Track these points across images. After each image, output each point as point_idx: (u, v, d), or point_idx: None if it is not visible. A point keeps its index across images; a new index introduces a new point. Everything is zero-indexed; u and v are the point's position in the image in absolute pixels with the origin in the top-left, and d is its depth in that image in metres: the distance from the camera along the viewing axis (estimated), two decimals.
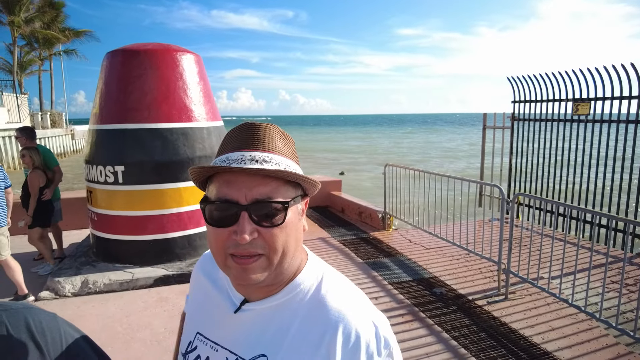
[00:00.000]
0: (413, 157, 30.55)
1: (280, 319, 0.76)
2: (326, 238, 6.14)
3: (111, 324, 3.70)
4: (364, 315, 0.75)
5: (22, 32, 29.15)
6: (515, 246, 4.53)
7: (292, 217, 0.72)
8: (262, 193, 0.69)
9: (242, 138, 0.74)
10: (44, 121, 26.19)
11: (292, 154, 0.78)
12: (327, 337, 0.71)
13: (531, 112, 6.53)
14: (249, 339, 0.77)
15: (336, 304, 0.75)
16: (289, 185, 0.73)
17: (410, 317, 3.69)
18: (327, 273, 0.81)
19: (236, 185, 0.69)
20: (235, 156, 0.71)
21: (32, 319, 0.75)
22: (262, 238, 0.69)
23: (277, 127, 0.78)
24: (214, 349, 0.81)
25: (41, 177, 4.72)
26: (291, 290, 0.77)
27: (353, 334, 0.71)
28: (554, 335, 3.35)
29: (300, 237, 0.77)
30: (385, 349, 0.73)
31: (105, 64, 4.86)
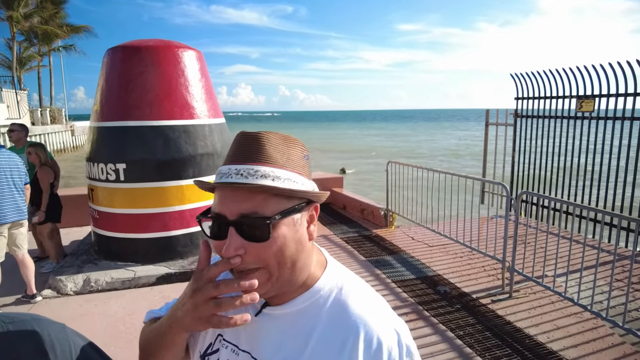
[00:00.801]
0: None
1: (301, 325, 0.75)
2: (328, 235, 6.12)
3: (114, 323, 3.69)
4: (386, 321, 0.74)
5: (21, 28, 29.02)
6: (520, 244, 4.51)
7: (284, 231, 0.69)
8: (247, 208, 0.68)
9: (233, 150, 0.74)
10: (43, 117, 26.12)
11: (289, 160, 0.72)
12: (349, 343, 0.71)
13: (534, 109, 6.50)
14: (271, 344, 0.76)
15: (358, 310, 0.74)
16: (279, 197, 0.70)
17: (415, 315, 3.68)
18: (348, 279, 0.81)
19: (225, 200, 0.70)
20: (225, 170, 0.71)
21: (41, 331, 0.73)
22: (252, 253, 0.68)
23: (274, 133, 0.74)
24: (235, 352, 0.79)
25: (50, 173, 4.78)
26: (312, 296, 0.76)
27: (375, 341, 0.71)
28: (559, 334, 3.34)
29: (302, 247, 0.73)
30: (408, 357, 0.73)
31: (106, 61, 4.81)
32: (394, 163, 6.51)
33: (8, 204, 3.92)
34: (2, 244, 3.94)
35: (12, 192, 3.96)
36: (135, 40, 4.89)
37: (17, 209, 4.01)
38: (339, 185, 8.59)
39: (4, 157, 3.97)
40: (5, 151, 4.05)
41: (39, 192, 4.68)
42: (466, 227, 5.05)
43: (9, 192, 3.94)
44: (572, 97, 5.89)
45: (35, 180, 4.70)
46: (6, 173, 3.93)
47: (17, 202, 4.01)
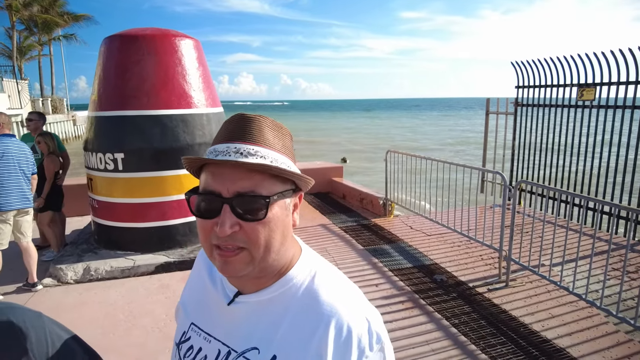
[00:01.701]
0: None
1: (272, 313, 0.76)
2: (327, 224, 6.14)
3: (113, 311, 3.73)
4: (357, 310, 0.75)
5: (21, 17, 28.84)
6: (517, 233, 4.51)
7: (277, 212, 0.72)
8: (245, 186, 0.69)
9: (230, 130, 0.74)
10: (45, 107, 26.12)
11: (284, 146, 0.76)
12: (319, 331, 0.71)
13: (535, 98, 6.45)
14: (242, 331, 0.77)
15: (329, 298, 0.74)
16: (275, 179, 0.72)
17: (411, 304, 3.70)
18: (321, 267, 0.81)
19: (220, 177, 0.70)
20: (222, 148, 0.71)
21: (16, 319, 0.74)
22: (243, 232, 0.69)
23: (270, 119, 0.76)
24: (207, 340, 0.81)
25: (56, 163, 4.84)
26: (284, 284, 0.77)
27: (345, 329, 0.71)
28: (554, 323, 3.36)
29: (287, 232, 0.76)
30: (377, 344, 0.73)
31: (103, 50, 4.79)
32: (392, 152, 6.49)
33: (14, 192, 3.97)
34: (7, 231, 3.99)
35: (19, 180, 4.03)
36: (132, 29, 4.87)
37: (24, 196, 4.06)
38: (339, 174, 8.59)
39: (14, 146, 4.03)
40: (16, 140, 4.10)
41: (44, 180, 4.71)
42: (464, 216, 5.06)
43: (17, 180, 4.00)
44: (573, 86, 5.84)
45: (42, 168, 4.73)
46: (15, 161, 3.99)
47: (23, 190, 4.06)
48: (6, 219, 3.96)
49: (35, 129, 5.21)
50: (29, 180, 4.16)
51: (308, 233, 5.77)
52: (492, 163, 7.14)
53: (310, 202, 7.57)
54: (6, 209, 3.93)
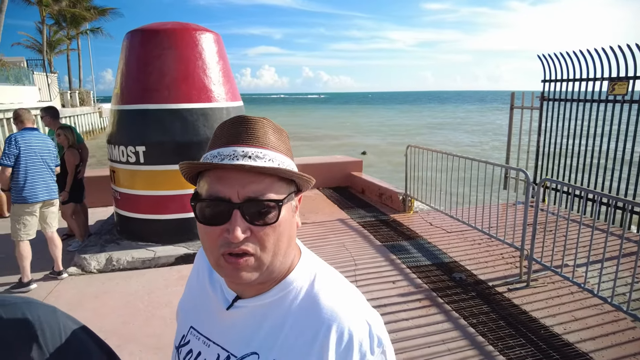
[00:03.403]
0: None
1: (272, 317, 0.75)
2: (345, 219, 6.12)
3: (133, 300, 3.82)
4: (357, 313, 0.73)
5: (51, 11, 29.65)
6: (540, 232, 4.39)
7: (285, 215, 0.71)
8: (255, 191, 0.67)
9: (234, 133, 0.71)
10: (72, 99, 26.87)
11: (286, 149, 0.75)
12: (320, 336, 0.70)
13: (562, 92, 6.22)
14: (241, 336, 0.76)
15: (329, 302, 0.73)
16: (282, 182, 0.71)
17: (428, 302, 3.65)
18: (321, 270, 0.79)
19: (228, 182, 0.67)
20: (227, 152, 0.69)
21: (31, 314, 0.75)
22: (254, 237, 0.68)
23: (271, 121, 0.75)
24: (206, 344, 0.80)
25: (76, 156, 4.97)
26: (284, 288, 0.75)
27: (346, 333, 0.70)
28: (577, 326, 3.26)
29: (293, 234, 0.75)
30: (379, 348, 0.72)
31: (125, 44, 4.86)
32: (413, 147, 6.40)
33: (40, 184, 4.10)
34: (34, 222, 4.12)
35: (44, 172, 4.15)
36: (153, 23, 4.92)
37: (48, 188, 4.19)
38: (359, 169, 8.54)
39: (37, 139, 4.15)
40: (39, 134, 4.23)
41: (65, 173, 4.84)
42: (485, 213, 4.95)
43: (41, 173, 4.13)
44: (603, 80, 5.60)
45: (62, 162, 4.87)
46: (38, 155, 4.11)
47: (48, 182, 4.19)
48: (33, 210, 4.09)
49: (49, 124, 5.32)
50: (53, 172, 4.29)
51: (326, 227, 5.76)
52: (516, 159, 6.96)
53: (329, 196, 7.56)
54: (33, 201, 4.06)
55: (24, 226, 4.04)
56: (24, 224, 4.04)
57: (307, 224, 5.91)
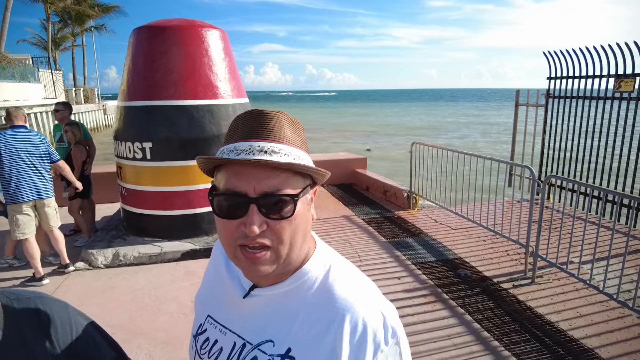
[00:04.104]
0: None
1: (288, 306, 0.76)
2: (350, 216, 6.13)
3: (140, 295, 3.85)
4: (372, 304, 0.74)
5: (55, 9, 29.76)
6: (545, 229, 4.39)
7: (301, 209, 0.72)
8: (272, 185, 0.68)
9: (250, 126, 0.72)
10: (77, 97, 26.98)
11: (301, 142, 0.76)
12: (334, 325, 0.71)
13: (568, 89, 6.20)
14: (257, 324, 0.78)
15: (344, 292, 0.74)
16: (298, 176, 0.72)
17: (433, 298, 3.67)
18: (335, 261, 0.81)
19: (245, 177, 0.69)
20: (244, 146, 0.70)
21: (43, 308, 0.77)
22: (270, 230, 0.69)
23: (286, 114, 0.76)
24: (223, 332, 0.82)
25: (83, 152, 5.01)
26: (299, 278, 0.77)
27: (360, 323, 0.71)
28: (582, 322, 3.26)
29: (308, 227, 0.76)
30: (393, 339, 0.72)
31: (131, 41, 4.89)
32: (418, 144, 6.40)
33: (25, 184, 3.99)
34: (27, 221, 4.05)
35: (27, 172, 4.00)
36: (159, 20, 4.94)
37: (36, 188, 4.07)
38: (363, 166, 8.55)
39: (22, 137, 4.00)
40: (26, 131, 4.10)
41: (73, 169, 4.88)
42: (490, 210, 4.95)
43: (25, 173, 3.99)
44: (610, 77, 5.58)
45: (69, 158, 4.91)
46: (21, 153, 3.96)
47: (34, 181, 4.05)
48: (23, 210, 4.01)
49: (62, 119, 5.34)
50: (43, 171, 4.13)
51: (330, 224, 5.78)
52: (521, 156, 6.94)
53: (334, 193, 7.57)
54: (20, 201, 3.98)
55: (17, 226, 4.01)
56: (17, 223, 4.01)
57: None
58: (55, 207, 4.33)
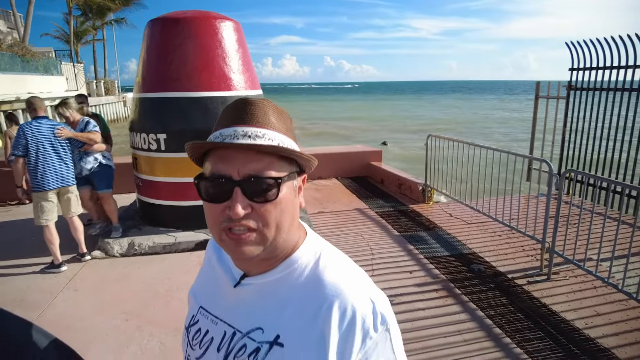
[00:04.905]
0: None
1: (277, 294, 0.76)
2: (363, 209, 6.10)
3: (154, 284, 3.92)
4: (361, 291, 0.74)
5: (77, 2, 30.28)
6: (563, 224, 4.27)
7: (286, 193, 0.72)
8: (255, 169, 0.69)
9: (235, 114, 0.73)
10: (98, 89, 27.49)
11: (287, 129, 0.76)
12: (323, 311, 0.71)
13: (591, 81, 5.99)
14: (247, 312, 0.78)
15: (333, 279, 0.74)
16: (283, 161, 0.72)
17: (445, 292, 3.62)
18: (325, 249, 0.81)
19: (229, 160, 0.69)
20: (228, 132, 0.71)
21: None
22: (255, 213, 0.69)
23: (272, 102, 0.77)
24: (214, 322, 0.82)
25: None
26: (289, 266, 0.77)
27: (349, 310, 0.71)
28: (600, 321, 3.17)
29: (296, 213, 0.77)
30: (382, 325, 0.72)
31: (146, 33, 4.93)
32: (434, 137, 6.30)
33: (49, 172, 4.15)
34: (51, 208, 4.21)
35: (53, 161, 4.17)
36: (173, 12, 4.96)
37: (60, 176, 4.23)
38: (378, 158, 8.48)
39: (44, 128, 4.15)
40: (48, 121, 4.25)
41: None
42: (506, 204, 4.85)
43: (50, 161, 4.15)
44: (636, 67, 5.36)
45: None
46: (45, 143, 4.12)
47: (58, 170, 4.22)
48: (47, 197, 4.17)
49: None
50: (67, 158, 4.29)
51: (343, 217, 5.76)
52: (540, 150, 6.77)
53: (348, 185, 7.54)
54: (46, 189, 4.14)
55: (41, 212, 4.16)
56: (42, 210, 4.16)
57: (324, 213, 5.92)
58: (76, 195, 4.47)
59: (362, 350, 0.70)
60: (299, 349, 0.71)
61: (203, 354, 0.82)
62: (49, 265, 4.28)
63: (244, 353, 0.75)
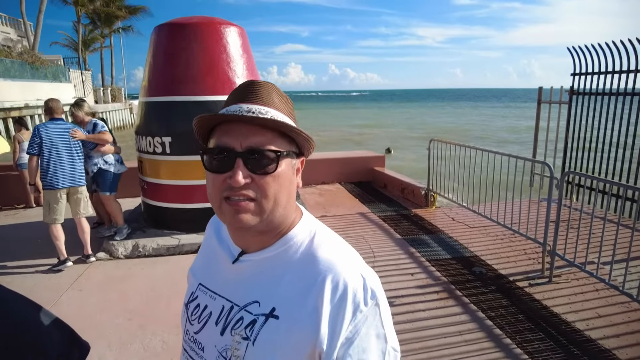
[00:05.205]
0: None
1: (274, 270, 0.80)
2: (366, 213, 6.12)
3: (157, 285, 3.96)
4: (353, 267, 0.78)
5: (86, 11, 30.77)
6: (564, 227, 4.28)
7: (285, 169, 0.76)
8: (257, 142, 0.73)
9: (241, 93, 0.78)
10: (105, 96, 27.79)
11: (289, 112, 0.81)
12: (316, 285, 0.74)
13: (593, 86, 6.01)
14: (245, 287, 0.81)
15: (327, 256, 0.78)
16: (283, 138, 0.77)
17: (446, 294, 3.63)
18: (320, 229, 0.85)
19: (233, 133, 0.74)
20: (233, 108, 0.76)
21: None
22: (255, 184, 0.74)
23: (276, 85, 0.81)
24: (213, 297, 0.86)
25: None
26: (285, 243, 0.81)
27: (341, 283, 0.74)
28: (601, 323, 3.17)
29: (293, 191, 0.80)
30: (372, 300, 0.75)
31: (153, 38, 5.02)
32: (436, 141, 6.33)
33: (60, 172, 4.27)
34: (60, 207, 4.32)
35: (64, 161, 4.30)
36: (179, 18, 5.06)
37: (70, 176, 4.35)
38: (381, 164, 8.51)
39: (61, 129, 4.32)
40: (63, 123, 4.40)
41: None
42: (508, 208, 4.85)
43: (61, 161, 4.28)
44: (638, 72, 5.38)
45: None
46: (59, 143, 4.27)
47: (69, 170, 4.34)
48: (57, 196, 4.28)
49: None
50: (78, 159, 4.42)
51: (346, 221, 5.78)
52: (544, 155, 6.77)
53: (351, 190, 7.57)
54: (56, 187, 4.26)
55: (51, 211, 4.27)
56: (51, 208, 4.27)
57: (327, 216, 5.95)
58: (86, 195, 4.57)
59: (353, 323, 0.73)
60: (293, 320, 0.74)
61: (202, 328, 0.85)
62: (55, 264, 4.35)
63: (241, 325, 0.78)
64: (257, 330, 0.76)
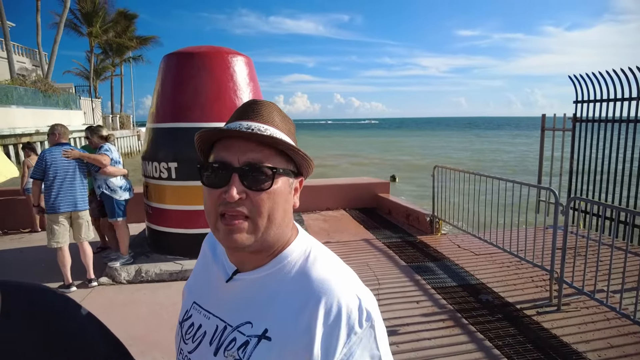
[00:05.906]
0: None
1: (267, 289, 0.79)
2: (370, 239, 6.08)
3: (159, 310, 3.92)
4: (348, 287, 0.76)
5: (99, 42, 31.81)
6: (573, 255, 4.21)
7: (281, 187, 0.76)
8: (254, 158, 0.74)
9: (242, 111, 0.80)
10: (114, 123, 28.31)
11: (289, 131, 0.82)
12: (310, 306, 0.73)
13: (595, 114, 6.05)
14: (238, 307, 0.80)
15: (321, 275, 0.77)
16: (281, 156, 0.78)
17: (452, 322, 3.55)
18: (315, 247, 0.84)
19: (232, 149, 0.75)
20: (234, 125, 0.77)
21: (38, 298, 0.78)
22: (250, 200, 0.74)
23: (277, 105, 0.83)
24: (207, 317, 0.85)
25: None
26: (279, 262, 0.80)
27: (335, 305, 0.73)
28: (613, 354, 3.07)
29: (289, 209, 0.80)
30: (367, 322, 0.73)
31: (162, 66, 5.16)
32: (440, 168, 6.35)
33: (62, 196, 4.32)
34: (62, 231, 4.35)
35: (68, 185, 4.36)
36: (188, 47, 5.21)
37: (72, 201, 4.39)
38: (386, 190, 8.50)
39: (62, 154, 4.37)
40: (67, 147, 4.47)
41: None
42: (514, 235, 4.81)
43: (64, 186, 4.33)
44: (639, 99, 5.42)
45: None
46: (64, 168, 4.34)
47: (70, 194, 4.38)
48: (59, 220, 4.32)
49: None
50: (81, 184, 4.47)
51: (350, 247, 5.74)
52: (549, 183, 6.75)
53: (355, 217, 7.55)
54: (57, 212, 4.30)
55: (53, 235, 4.31)
56: (53, 232, 4.31)
57: (331, 242, 5.91)
58: (88, 220, 4.59)
59: (347, 345, 0.71)
60: (285, 342, 0.73)
61: (196, 348, 0.84)
62: (60, 287, 4.34)
63: (234, 346, 0.77)
64: (249, 352, 0.75)
